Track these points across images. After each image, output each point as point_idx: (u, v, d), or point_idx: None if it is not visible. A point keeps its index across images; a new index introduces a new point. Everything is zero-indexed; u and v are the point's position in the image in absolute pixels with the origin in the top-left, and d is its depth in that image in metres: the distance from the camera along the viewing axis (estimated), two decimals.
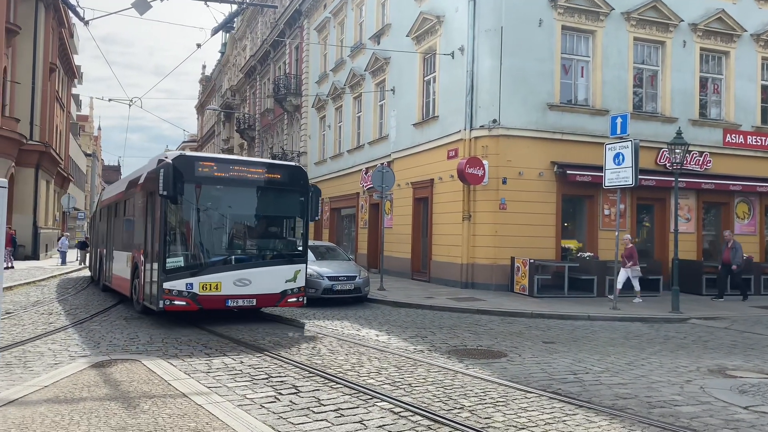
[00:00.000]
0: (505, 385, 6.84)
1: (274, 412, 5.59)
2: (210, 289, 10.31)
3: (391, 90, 22.60)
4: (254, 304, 10.77)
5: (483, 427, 5.29)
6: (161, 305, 10.20)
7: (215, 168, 10.73)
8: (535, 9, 17.39)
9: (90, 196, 74.62)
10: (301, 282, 11.29)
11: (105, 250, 16.91)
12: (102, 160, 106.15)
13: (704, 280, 17.57)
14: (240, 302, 10.60)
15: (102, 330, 10.28)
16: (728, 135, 19.61)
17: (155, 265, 10.54)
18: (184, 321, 11.27)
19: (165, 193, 9.93)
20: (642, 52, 19.02)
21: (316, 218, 11.86)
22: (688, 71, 19.24)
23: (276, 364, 7.75)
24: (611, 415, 5.77)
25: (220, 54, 63.44)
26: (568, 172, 16.99)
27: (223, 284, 10.38)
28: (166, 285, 10.16)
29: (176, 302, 10.20)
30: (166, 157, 10.46)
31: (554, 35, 17.64)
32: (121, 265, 14.05)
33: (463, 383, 6.89)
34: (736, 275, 16.40)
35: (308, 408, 5.76)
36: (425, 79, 20.55)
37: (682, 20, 18.94)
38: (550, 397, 6.35)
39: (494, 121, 17.09)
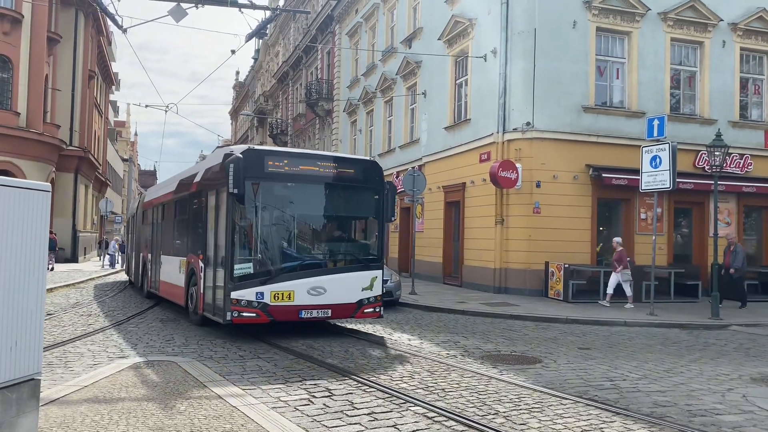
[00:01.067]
0: (540, 391, 6.74)
1: (308, 415, 5.60)
2: (282, 299, 9.34)
3: (423, 93, 22.58)
4: (329, 315, 9.76)
5: None
6: (229, 317, 9.18)
7: (286, 163, 9.72)
8: (568, 10, 17.19)
9: (126, 201, 76.19)
10: (377, 290, 10.22)
11: (150, 255, 15.89)
12: (138, 164, 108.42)
13: (745, 285, 17.06)
14: (314, 313, 9.57)
15: (139, 332, 10.46)
16: None
17: (220, 272, 9.66)
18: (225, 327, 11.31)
19: (235, 191, 8.94)
20: (679, 52, 18.64)
21: (393, 219, 10.81)
22: (727, 72, 18.78)
23: (309, 366, 7.77)
24: (650, 423, 5.64)
25: (253, 60, 64.28)
26: (603, 175, 16.72)
27: (296, 293, 9.41)
28: (235, 294, 9.17)
29: (245, 314, 9.19)
30: (232, 152, 9.55)
31: (588, 37, 17.40)
32: (172, 272, 13.06)
33: (497, 389, 6.82)
34: (736, 280, 15.43)
35: (341, 411, 5.76)
36: (457, 82, 20.47)
37: (722, 20, 18.50)
38: (587, 404, 6.23)
39: (528, 123, 16.93)
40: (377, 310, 10.28)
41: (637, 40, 17.84)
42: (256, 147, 9.95)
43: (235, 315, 9.19)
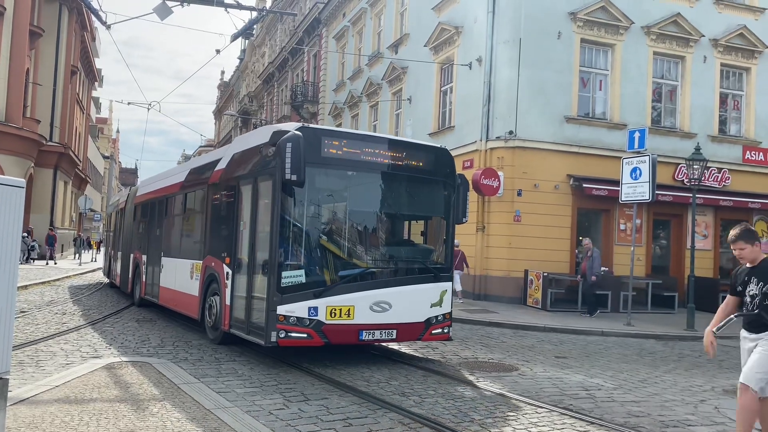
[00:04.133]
0: (516, 399, 6.76)
1: (282, 419, 5.56)
2: (340, 316, 7.62)
3: (408, 99, 22.63)
4: (394, 337, 8.10)
5: None
6: (273, 338, 7.38)
7: (345, 145, 8.06)
8: (554, 21, 17.35)
9: (107, 198, 75.35)
10: (447, 307, 8.60)
11: (144, 256, 13.84)
12: (120, 162, 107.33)
13: (720, 297, 17.30)
14: (377, 334, 7.91)
15: (114, 332, 10.32)
16: (748, 152, 19.39)
17: (259, 281, 7.94)
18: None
19: (294, 177, 7.23)
20: (661, 66, 18.89)
21: (465, 220, 9.07)
22: (707, 87, 19.07)
23: (285, 370, 7.72)
24: None
25: (239, 60, 64.04)
26: (584, 185, 16.87)
27: (356, 309, 7.70)
28: (282, 309, 7.41)
29: (294, 334, 7.43)
30: (281, 130, 7.84)
31: (573, 48, 17.57)
32: (179, 277, 11.25)
33: (473, 396, 6.82)
34: (591, 287, 14.95)
35: (316, 416, 5.72)
36: (442, 89, 20.55)
37: (703, 35, 18.79)
38: (561, 413, 6.26)
39: (511, 132, 17.04)
40: (446, 330, 8.60)
41: (620, 53, 18.05)
42: (311, 125, 8.35)
43: (282, 336, 7.37)
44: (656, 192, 13.83)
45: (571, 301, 15.99)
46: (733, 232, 5.06)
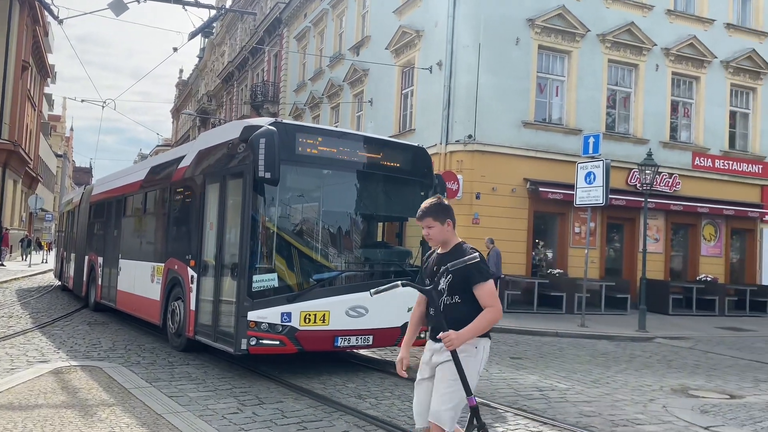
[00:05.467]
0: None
1: (235, 423, 5.48)
2: (315, 322, 7.30)
3: (369, 101, 22.65)
4: (370, 343, 7.84)
5: None
6: (244, 346, 7.01)
7: (320, 143, 7.75)
8: (512, 27, 17.60)
9: (59, 198, 73.20)
10: None
11: (101, 258, 13.26)
12: (73, 161, 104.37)
13: (671, 299, 17.85)
14: (352, 340, 7.65)
15: (63, 335, 10.03)
16: (697, 158, 20.02)
17: (228, 285, 7.59)
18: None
19: (268, 174, 6.81)
20: (616, 74, 19.36)
21: None
22: (660, 94, 19.62)
23: (240, 374, 7.62)
24: None
25: (198, 59, 63.05)
26: (540, 189, 17.15)
27: (331, 314, 7.39)
28: (253, 315, 7.03)
29: (266, 341, 7.08)
30: (252, 125, 7.44)
31: (531, 54, 17.86)
32: (138, 281, 10.78)
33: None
34: None
35: (271, 420, 5.66)
36: (403, 92, 20.63)
37: (656, 44, 19.34)
38: (516, 414, 6.35)
39: (470, 136, 17.21)
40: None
41: (576, 60, 18.43)
42: (284, 120, 7.93)
43: (253, 343, 7.01)
44: (610, 196, 14.18)
45: (527, 303, 16.23)
46: (422, 206, 3.85)
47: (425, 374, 3.86)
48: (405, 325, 7.51)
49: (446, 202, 3.88)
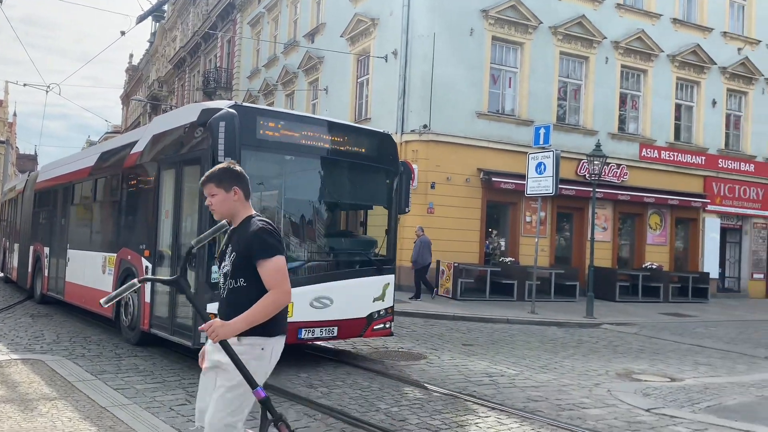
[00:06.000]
0: (423, 387, 6.90)
1: (183, 415, 5.40)
2: None
3: (324, 89, 22.47)
4: (335, 334, 7.64)
5: (396, 429, 5.30)
6: (203, 339, 6.55)
7: (282, 127, 7.47)
8: (467, 18, 17.70)
9: (2, 185, 70.44)
10: (389, 301, 8.19)
11: (47, 248, 12.72)
12: (17, 147, 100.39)
13: (618, 286, 18.39)
14: (317, 332, 7.42)
15: (4, 328, 9.68)
16: (644, 149, 20.60)
17: (187, 276, 7.45)
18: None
19: (228, 160, 7.21)
20: (567, 66, 19.71)
21: (407, 210, 8.73)
22: (609, 87, 20.08)
23: (189, 365, 7.51)
24: (522, 417, 5.91)
25: (149, 44, 61.36)
26: (493, 179, 17.38)
27: (295, 305, 6.91)
28: (212, 307, 6.19)
29: None
30: (212, 108, 7.05)
31: (484, 45, 18.01)
32: (88, 272, 10.33)
33: (381, 385, 6.90)
34: (415, 272, 15.46)
35: None
36: (359, 80, 20.55)
37: (605, 37, 19.75)
38: (465, 400, 6.44)
39: (425, 126, 17.28)
40: (388, 326, 8.22)
41: (529, 52, 18.68)
42: (244, 103, 7.81)
43: None
44: (560, 186, 14.48)
45: (480, 291, 16.48)
46: (207, 173, 3.36)
47: (207, 364, 3.31)
48: (370, 316, 7.91)
49: (239, 169, 3.36)
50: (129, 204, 9.31)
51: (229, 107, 6.92)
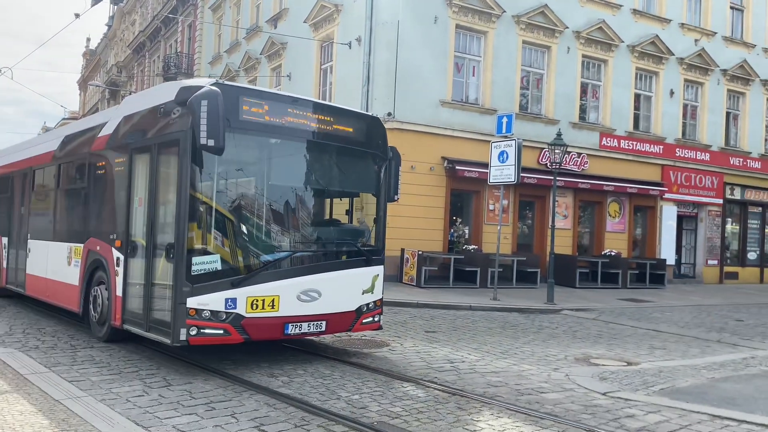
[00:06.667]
0: (385, 374, 6.93)
1: (140, 406, 5.31)
2: (263, 308, 6.69)
3: (288, 76, 22.21)
4: (323, 329, 7.28)
5: (357, 417, 5.31)
6: (183, 336, 6.31)
7: (267, 110, 6.97)
8: (431, 6, 17.66)
9: None
10: (379, 293, 7.97)
11: (4, 239, 12.15)
12: None
13: (578, 273, 18.74)
14: (304, 327, 7.05)
15: None
16: (604, 138, 20.94)
17: (163, 268, 6.84)
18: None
19: (211, 142, 6.11)
20: (530, 55, 19.86)
21: (396, 197, 8.46)
22: (570, 76, 20.32)
23: (148, 356, 7.38)
24: (482, 402, 5.99)
25: (106, 27, 59.73)
26: (457, 167, 17.46)
27: (282, 299, 6.80)
28: (194, 302, 6.35)
29: (208, 330, 6.40)
30: (191, 87, 6.62)
31: (448, 33, 18.01)
32: (51, 263, 9.78)
33: (342, 373, 6.90)
34: None
35: (178, 401, 5.52)
36: (322, 67, 20.35)
37: (567, 27, 19.95)
38: (426, 386, 6.49)
39: (389, 114, 17.22)
40: (377, 319, 7.99)
41: (492, 40, 18.76)
42: (226, 81, 7.18)
43: (193, 333, 6.32)
44: (522, 174, 14.60)
45: (443, 278, 16.59)
46: None
47: None
48: (359, 309, 7.63)
49: None
50: (97, 191, 8.69)
51: (211, 85, 6.46)
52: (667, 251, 22.22)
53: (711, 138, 23.70)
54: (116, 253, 7.71)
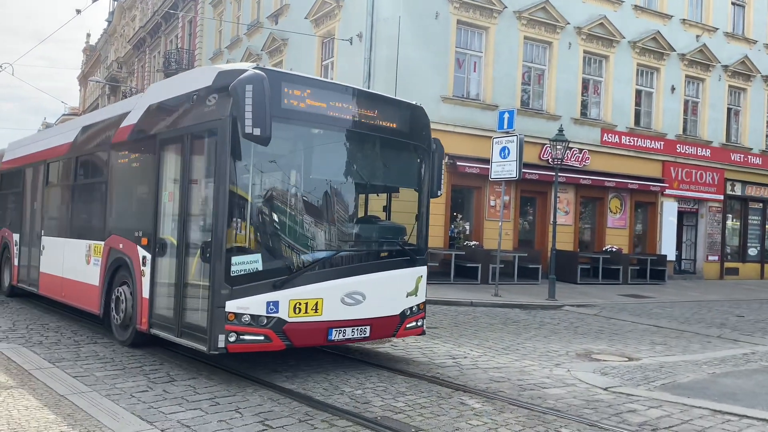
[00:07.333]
0: (387, 369, 6.95)
1: (144, 402, 5.34)
2: (306, 311, 6.19)
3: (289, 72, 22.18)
4: (367, 335, 6.73)
5: (360, 412, 5.34)
6: (221, 343, 5.82)
7: (310, 96, 6.46)
8: (432, 1, 17.64)
9: None
10: (422, 296, 7.36)
11: (16, 236, 11.69)
12: None
13: (579, 269, 18.76)
14: (348, 332, 6.52)
15: None
16: (605, 134, 20.94)
17: (198, 268, 6.36)
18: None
19: (257, 131, 5.63)
20: (531, 51, 19.84)
21: (439, 192, 7.94)
22: (572, 72, 20.30)
23: (151, 352, 7.41)
24: (485, 397, 6.01)
25: (107, 23, 59.65)
26: (458, 163, 17.47)
27: (325, 302, 6.32)
28: (233, 305, 5.86)
29: (248, 337, 5.91)
30: (229, 71, 6.18)
31: (449, 29, 18.00)
32: (70, 262, 9.25)
33: (345, 369, 6.92)
34: None
35: (182, 397, 5.55)
36: (323, 63, 20.34)
37: (569, 23, 19.93)
38: (429, 381, 6.52)
39: None
40: (420, 323, 7.36)
41: (493, 36, 18.74)
42: (266, 66, 6.52)
43: (232, 339, 5.83)
44: (523, 170, 14.61)
45: (444, 274, 16.62)
46: None
47: None
48: (403, 313, 7.06)
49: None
50: (119, 185, 8.24)
51: (254, 68, 5.98)
52: (667, 247, 22.26)
53: (712, 134, 23.70)
54: (142, 252, 7.22)
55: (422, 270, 7.37)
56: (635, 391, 6.51)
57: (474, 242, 17.99)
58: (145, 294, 7.03)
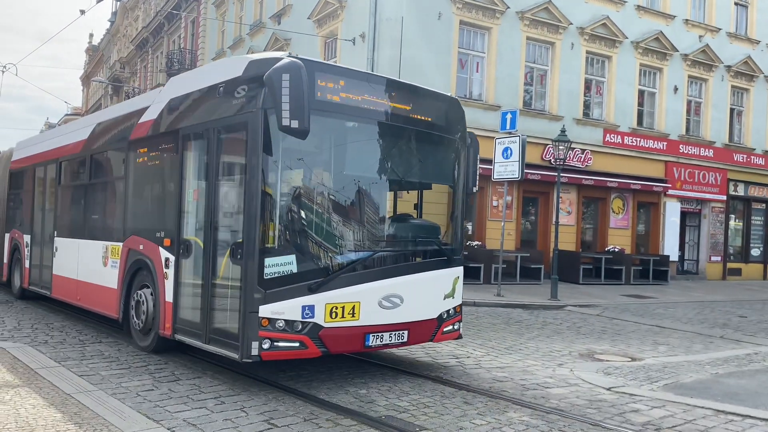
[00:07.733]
0: (392, 369, 6.98)
1: (150, 400, 5.37)
2: (343, 316, 5.86)
3: None
4: (405, 339, 6.41)
5: (365, 411, 5.36)
6: (255, 351, 5.51)
7: (344, 87, 6.12)
8: (435, 2, 17.68)
9: None
10: (459, 298, 7.03)
11: (27, 237, 11.34)
12: None
13: (581, 269, 18.77)
14: (386, 338, 6.20)
15: None
16: (608, 135, 20.95)
17: (227, 270, 6.03)
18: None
19: (295, 123, 5.28)
20: (534, 51, 19.86)
21: (475, 189, 7.67)
22: (574, 72, 20.31)
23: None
24: (488, 396, 6.04)
25: (109, 23, 59.75)
26: None
27: (362, 306, 5.98)
28: (266, 310, 5.53)
29: (282, 343, 5.58)
30: (261, 60, 5.90)
31: (452, 29, 18.03)
32: (85, 264, 8.94)
33: (349, 368, 6.95)
34: None
35: (187, 396, 5.58)
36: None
37: (571, 23, 19.94)
38: (433, 381, 6.55)
39: None
40: (456, 327, 7.04)
41: (496, 37, 18.76)
42: (300, 56, 5.89)
43: (266, 346, 5.51)
44: (525, 171, 14.63)
45: None
46: None
47: None
48: (440, 316, 6.74)
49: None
50: (138, 183, 7.93)
51: (289, 55, 5.64)
52: (670, 247, 22.26)
53: (715, 134, 23.70)
54: (165, 253, 6.87)
55: (459, 270, 7.07)
56: (638, 391, 6.53)
57: (476, 242, 18.01)
58: (169, 298, 6.72)
